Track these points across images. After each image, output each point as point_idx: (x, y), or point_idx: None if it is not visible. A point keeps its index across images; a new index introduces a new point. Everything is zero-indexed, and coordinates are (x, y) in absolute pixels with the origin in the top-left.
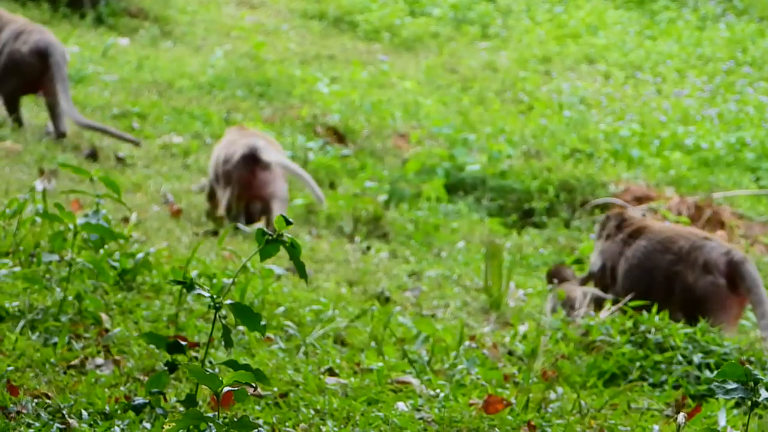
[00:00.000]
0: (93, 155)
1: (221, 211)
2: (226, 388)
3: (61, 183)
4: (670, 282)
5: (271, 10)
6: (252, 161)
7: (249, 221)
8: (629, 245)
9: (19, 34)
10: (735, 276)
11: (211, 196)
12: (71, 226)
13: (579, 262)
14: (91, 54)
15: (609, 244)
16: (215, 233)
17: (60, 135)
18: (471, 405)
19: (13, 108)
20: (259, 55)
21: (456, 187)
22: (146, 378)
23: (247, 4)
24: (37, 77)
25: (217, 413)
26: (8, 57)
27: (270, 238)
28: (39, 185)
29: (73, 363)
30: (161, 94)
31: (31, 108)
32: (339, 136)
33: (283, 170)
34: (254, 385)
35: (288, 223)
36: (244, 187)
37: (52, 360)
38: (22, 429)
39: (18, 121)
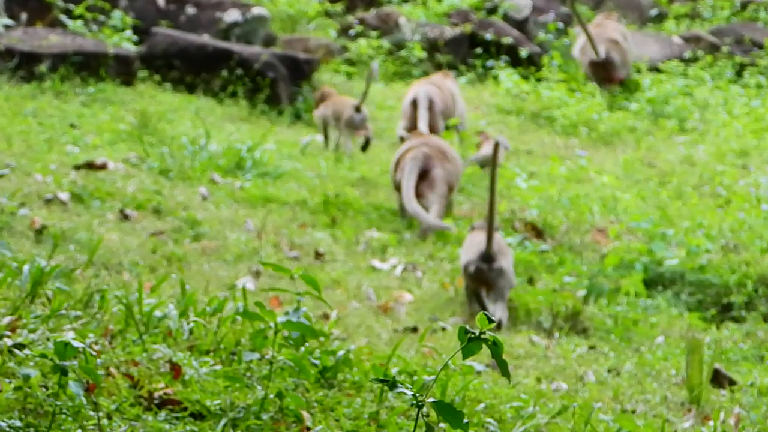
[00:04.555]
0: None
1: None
2: None
3: (260, 280)
4: None
5: (469, 105)
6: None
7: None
8: None
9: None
10: None
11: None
12: (272, 324)
13: None
14: (290, 150)
15: None
16: (414, 329)
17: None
18: None
19: None
20: None
21: (655, 281)
22: None
23: None
24: None
25: None
26: None
27: (472, 336)
28: (240, 283)
29: None
30: (359, 190)
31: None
32: (537, 231)
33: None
34: None
35: (491, 321)
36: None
37: None
38: None
39: None
